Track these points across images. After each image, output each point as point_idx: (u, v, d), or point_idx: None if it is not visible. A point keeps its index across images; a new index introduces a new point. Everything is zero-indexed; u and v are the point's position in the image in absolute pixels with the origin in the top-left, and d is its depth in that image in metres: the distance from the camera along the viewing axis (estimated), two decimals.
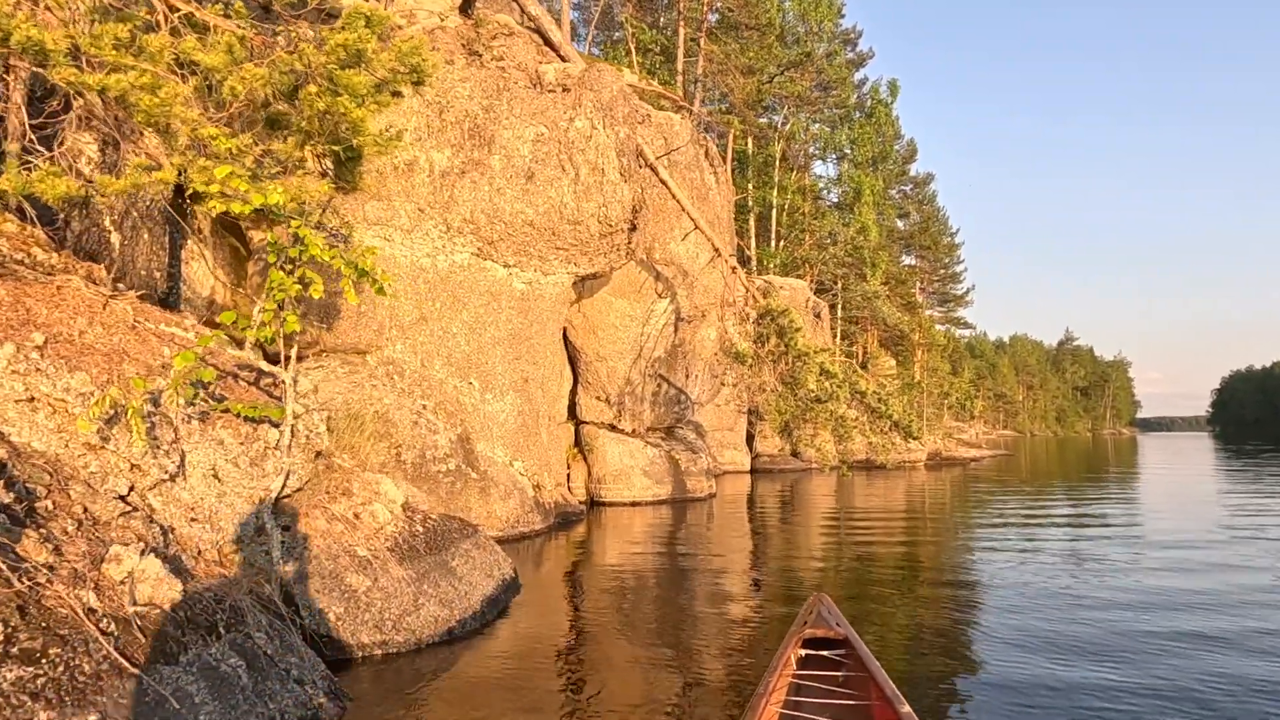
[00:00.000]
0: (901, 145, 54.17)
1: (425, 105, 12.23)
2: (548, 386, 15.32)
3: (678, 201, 14.97)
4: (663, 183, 14.78)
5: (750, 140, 41.95)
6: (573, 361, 18.93)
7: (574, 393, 19.48)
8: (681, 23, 29.72)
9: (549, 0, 26.95)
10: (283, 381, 5.55)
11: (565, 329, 18.40)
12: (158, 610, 4.22)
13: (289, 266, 5.37)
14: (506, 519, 12.47)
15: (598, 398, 19.17)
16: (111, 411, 4.99)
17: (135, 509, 5.02)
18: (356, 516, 6.70)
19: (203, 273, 13.32)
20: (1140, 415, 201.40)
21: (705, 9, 30.71)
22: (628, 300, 17.93)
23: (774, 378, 15.07)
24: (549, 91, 12.88)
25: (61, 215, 8.60)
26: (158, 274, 11.18)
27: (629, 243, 14.02)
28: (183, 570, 4.83)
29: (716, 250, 15.47)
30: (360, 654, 6.00)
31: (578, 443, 19.41)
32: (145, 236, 10.77)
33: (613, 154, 12.93)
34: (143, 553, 4.39)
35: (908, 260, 58.56)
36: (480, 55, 12.70)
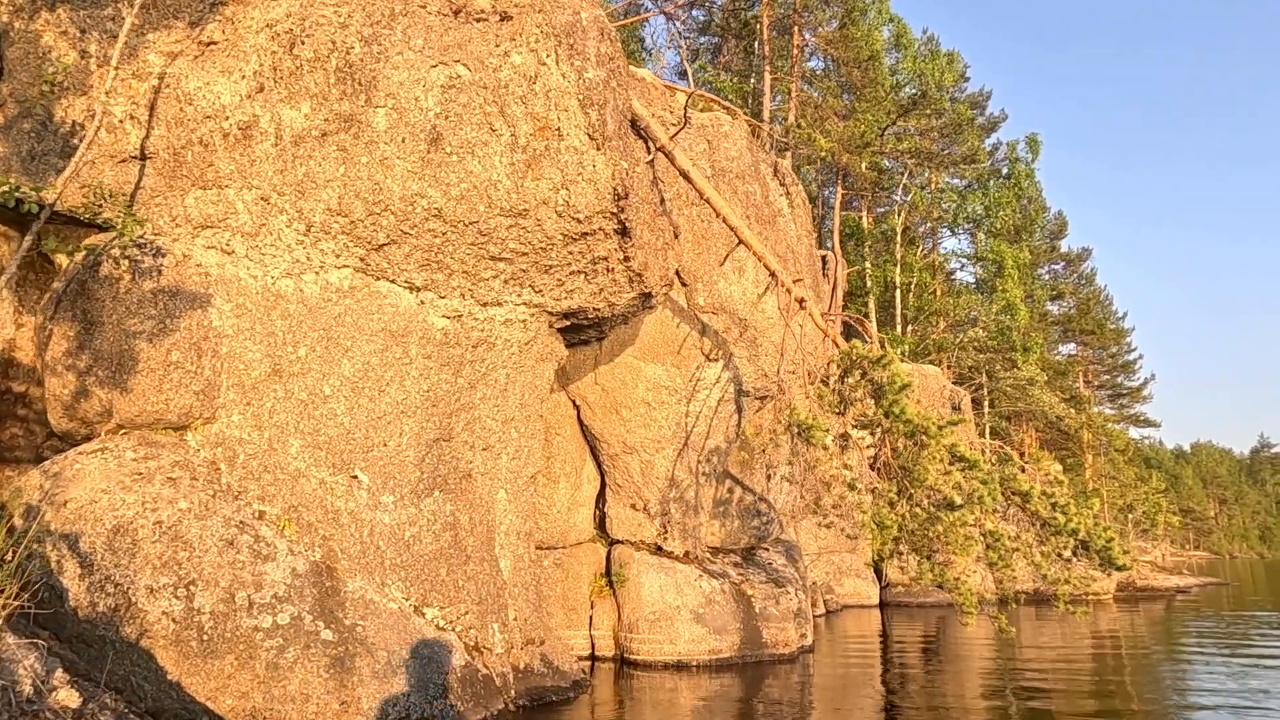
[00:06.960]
0: (1050, 217, 47.10)
1: (269, 38, 7.86)
2: (523, 489, 10.12)
3: (705, 199, 9.83)
4: (682, 173, 9.72)
5: (866, 213, 36.58)
6: (594, 454, 13.68)
7: (603, 499, 14.15)
8: (767, 66, 25.36)
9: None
10: None
11: (578, 407, 13.28)
12: None
13: None
14: (383, 713, 7.12)
15: (633, 506, 13.72)
16: None
17: None
18: None
19: None
20: None
21: (796, 51, 26.31)
22: (662, 365, 12.67)
23: (869, 469, 9.29)
24: (476, 20, 8.30)
25: None
26: None
27: (624, 257, 8.93)
28: None
29: (772, 274, 10.12)
30: None
31: (609, 571, 13.92)
32: None
33: (575, 105, 8.08)
34: None
35: (1066, 349, 50.17)
36: None
